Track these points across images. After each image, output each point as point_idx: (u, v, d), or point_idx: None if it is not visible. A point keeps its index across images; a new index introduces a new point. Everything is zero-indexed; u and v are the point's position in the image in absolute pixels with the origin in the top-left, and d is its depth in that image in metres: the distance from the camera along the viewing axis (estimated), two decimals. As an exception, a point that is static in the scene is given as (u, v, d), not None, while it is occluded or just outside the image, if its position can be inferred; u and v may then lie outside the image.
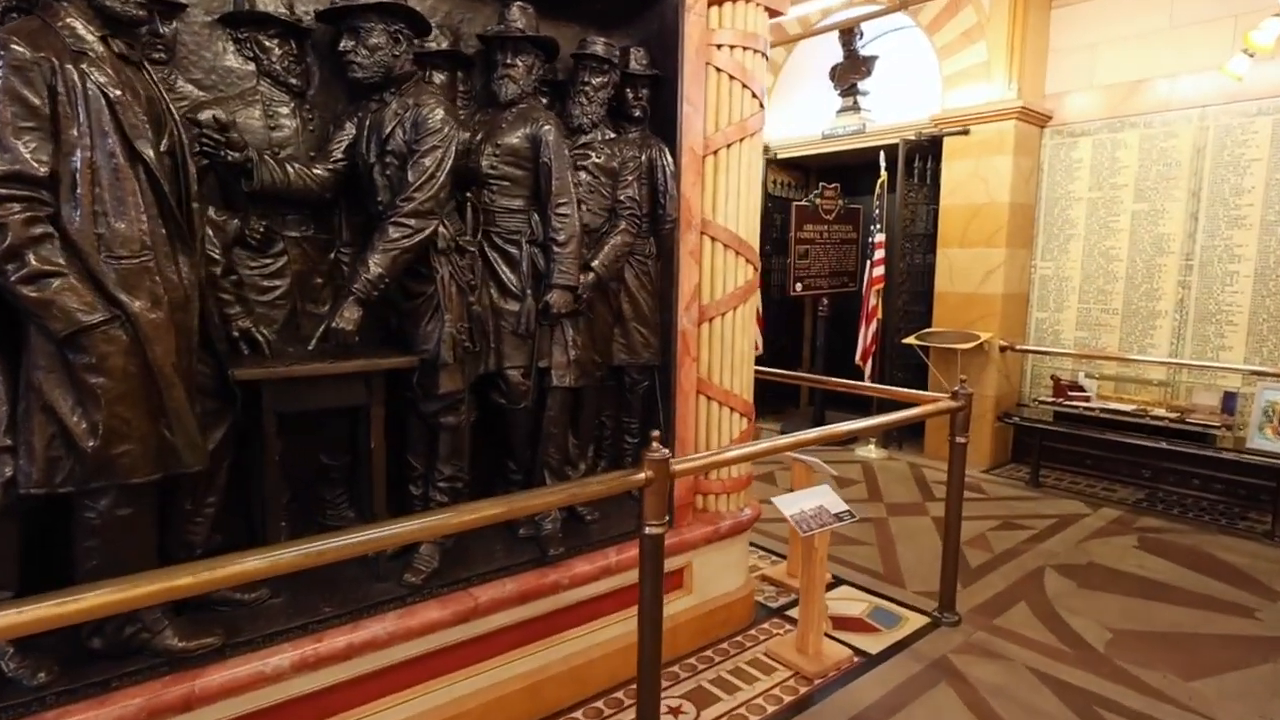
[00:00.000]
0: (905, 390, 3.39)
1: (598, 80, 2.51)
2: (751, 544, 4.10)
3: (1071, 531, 4.31)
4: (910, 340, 5.77)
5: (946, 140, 5.76)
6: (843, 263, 6.69)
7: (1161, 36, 5.00)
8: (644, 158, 2.69)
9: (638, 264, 2.75)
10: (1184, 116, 4.93)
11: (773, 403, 7.42)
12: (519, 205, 2.34)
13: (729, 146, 2.83)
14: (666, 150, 2.70)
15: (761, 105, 2.91)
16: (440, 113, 2.03)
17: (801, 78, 7.13)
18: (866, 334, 5.93)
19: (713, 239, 2.87)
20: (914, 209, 5.99)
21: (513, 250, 2.34)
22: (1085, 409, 4.97)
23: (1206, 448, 4.54)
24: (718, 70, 2.78)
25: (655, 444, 1.95)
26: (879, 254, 5.83)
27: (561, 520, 2.56)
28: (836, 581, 3.64)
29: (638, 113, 2.71)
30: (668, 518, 2.74)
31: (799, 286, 6.32)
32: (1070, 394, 5.11)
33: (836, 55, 6.57)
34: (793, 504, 2.81)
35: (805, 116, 7.06)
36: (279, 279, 2.05)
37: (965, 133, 5.63)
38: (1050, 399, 5.25)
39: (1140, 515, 4.59)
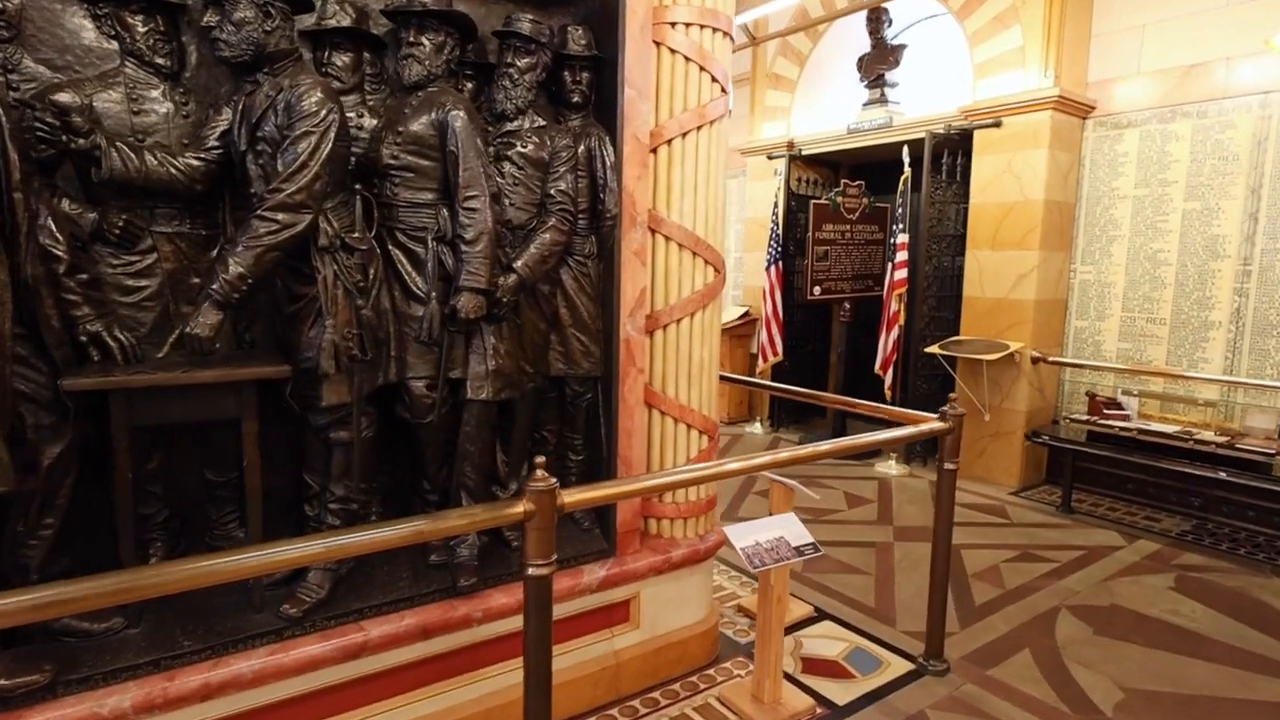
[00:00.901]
0: (891, 408, 3.04)
1: (523, 62, 2.27)
2: (733, 567, 3.81)
3: (1099, 566, 3.85)
4: (933, 349, 5.34)
5: (977, 134, 5.32)
6: (867, 265, 6.29)
7: (1218, 15, 4.47)
8: (582, 148, 2.44)
9: (576, 265, 2.50)
10: (1243, 104, 4.39)
11: (795, 413, 7.07)
12: (427, 199, 2.12)
13: (684, 135, 2.56)
14: (608, 139, 2.44)
15: (724, 90, 2.62)
16: (317, 94, 1.82)
17: (828, 70, 6.75)
18: (887, 341, 5.53)
19: (666, 238, 2.60)
20: (941, 208, 5.55)
21: (418, 249, 2.13)
22: (1122, 429, 4.47)
23: (1263, 478, 4.01)
24: (671, 51, 2.51)
25: (540, 471, 1.70)
26: (901, 256, 5.42)
27: (481, 545, 2.32)
28: (819, 615, 3.31)
29: (577, 98, 2.45)
30: (609, 546, 2.52)
31: (817, 290, 5.95)
32: (1106, 412, 4.62)
33: (864, 45, 6.18)
34: (747, 534, 2.51)
35: (832, 110, 6.68)
36: (147, 278, 1.88)
37: (997, 125, 5.18)
38: (1084, 417, 4.77)
39: (1182, 550, 4.08)
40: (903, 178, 5.42)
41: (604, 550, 2.57)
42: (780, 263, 6.37)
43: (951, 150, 5.52)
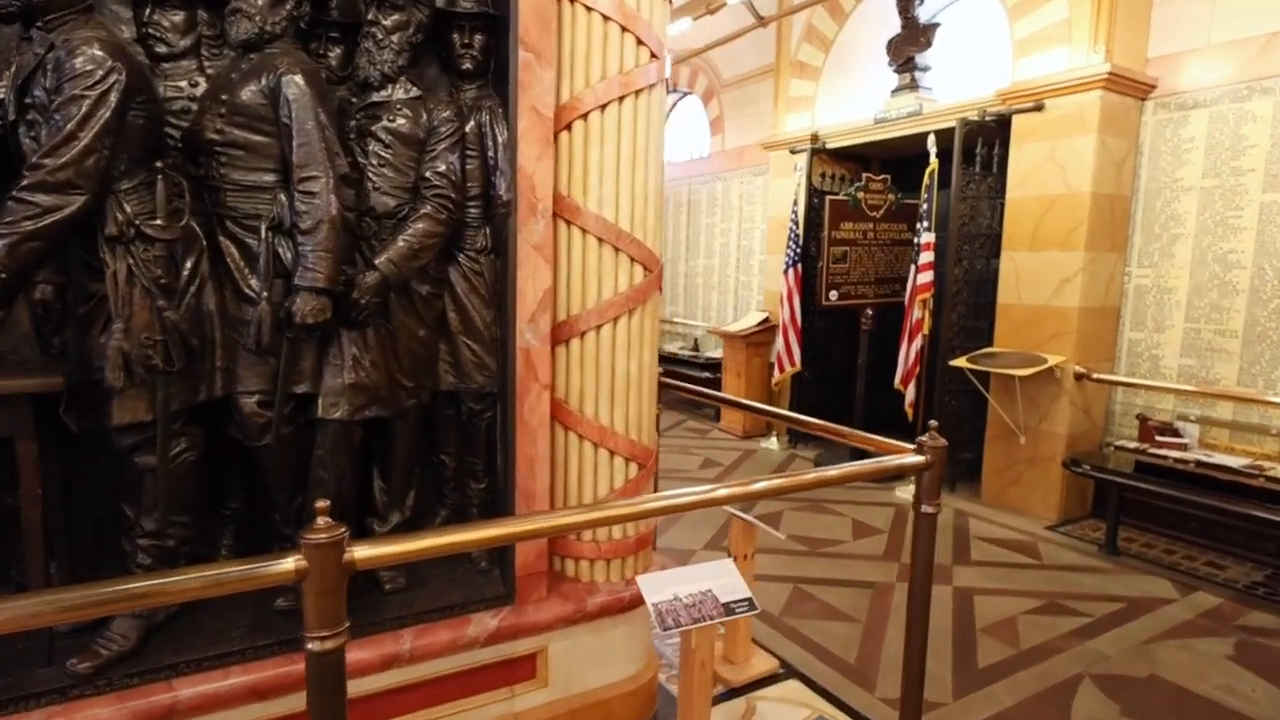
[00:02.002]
0: (865, 435, 2.56)
1: (390, 19, 1.92)
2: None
3: (1141, 624, 3.25)
4: (959, 363, 4.75)
5: (1016, 119, 4.71)
6: (893, 267, 5.73)
7: (1306, -30, 3.78)
8: (473, 122, 2.07)
9: (467, 262, 2.14)
10: (1336, 75, 3.69)
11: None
12: (261, 181, 1.80)
13: (604, 108, 2.16)
14: (503, 113, 2.07)
15: (654, 55, 2.21)
16: (91, 50, 1.51)
17: (855, 55, 6.21)
18: (908, 353, 4.97)
19: (583, 230, 2.20)
20: (974, 203, 4.96)
21: (250, 240, 1.80)
22: (1177, 461, 3.81)
23: (1354, 525, 3.32)
24: (587, 9, 2.12)
25: (322, 517, 1.33)
26: (925, 257, 4.85)
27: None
28: (784, 672, 2.84)
29: (468, 65, 2.09)
30: (506, 592, 2.09)
31: (834, 295, 5.43)
32: (1160, 439, 3.96)
33: (894, 26, 5.63)
34: (664, 586, 2.08)
35: (859, 99, 6.15)
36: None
37: (1038, 109, 4.57)
38: (1132, 444, 4.11)
39: (1249, 607, 3.42)
40: (928, 170, 4.85)
41: (500, 596, 2.19)
42: (800, 265, 5.87)
43: (987, 139, 4.92)
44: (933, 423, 2.25)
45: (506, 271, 2.10)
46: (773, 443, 6.45)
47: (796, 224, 5.91)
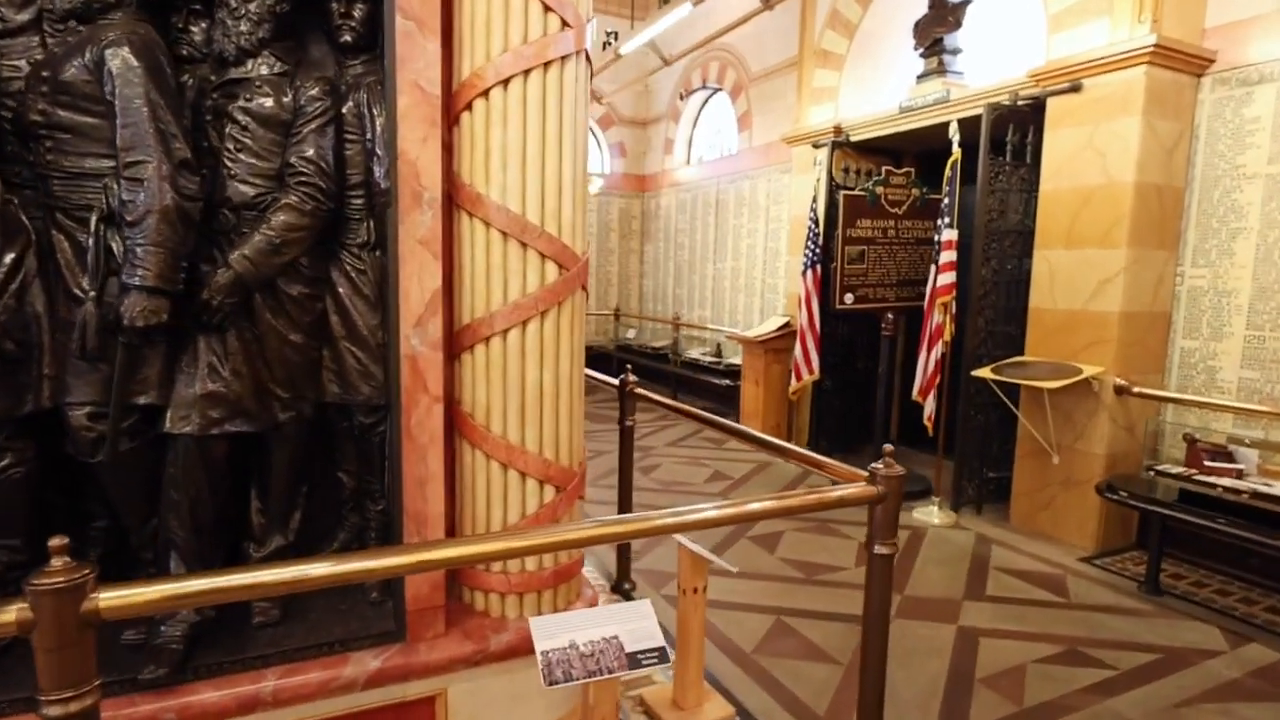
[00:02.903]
0: (818, 458, 2.21)
1: (249, -14, 1.72)
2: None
3: (1176, 681, 2.79)
4: (982, 373, 4.30)
5: (1050, 102, 4.25)
6: (918, 268, 5.29)
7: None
8: (350, 103, 1.85)
9: (350, 259, 1.92)
10: None
11: (841, 438, 6.11)
12: (92, 167, 1.61)
13: (506, 84, 1.91)
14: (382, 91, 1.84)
15: (567, 24, 1.94)
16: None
17: (881, 40, 5.79)
18: (928, 361, 4.54)
19: (485, 223, 1.96)
20: (1003, 197, 4.50)
21: (81, 234, 1.62)
22: (1227, 490, 3.30)
23: None
24: (485, -28, 1.88)
25: (58, 557, 1.12)
26: (946, 256, 4.42)
27: (210, 620, 1.78)
28: (741, 722, 2.52)
29: (348, 37, 1.88)
30: (397, 628, 1.85)
31: (849, 298, 5.04)
32: (1210, 465, 3.45)
33: (921, 7, 5.20)
34: (561, 630, 1.81)
35: (884, 88, 5.73)
36: None
37: (1075, 89, 4.10)
38: (1177, 469, 3.60)
39: (1315, 667, 2.91)
40: (950, 160, 4.42)
41: (389, 633, 1.96)
42: (819, 266, 5.48)
43: (1018, 125, 4.46)
44: (887, 447, 1.90)
45: (387, 270, 1.86)
46: (790, 455, 6.06)
47: (816, 222, 5.52)
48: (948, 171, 4.41)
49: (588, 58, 2.05)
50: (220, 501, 1.80)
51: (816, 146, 6.04)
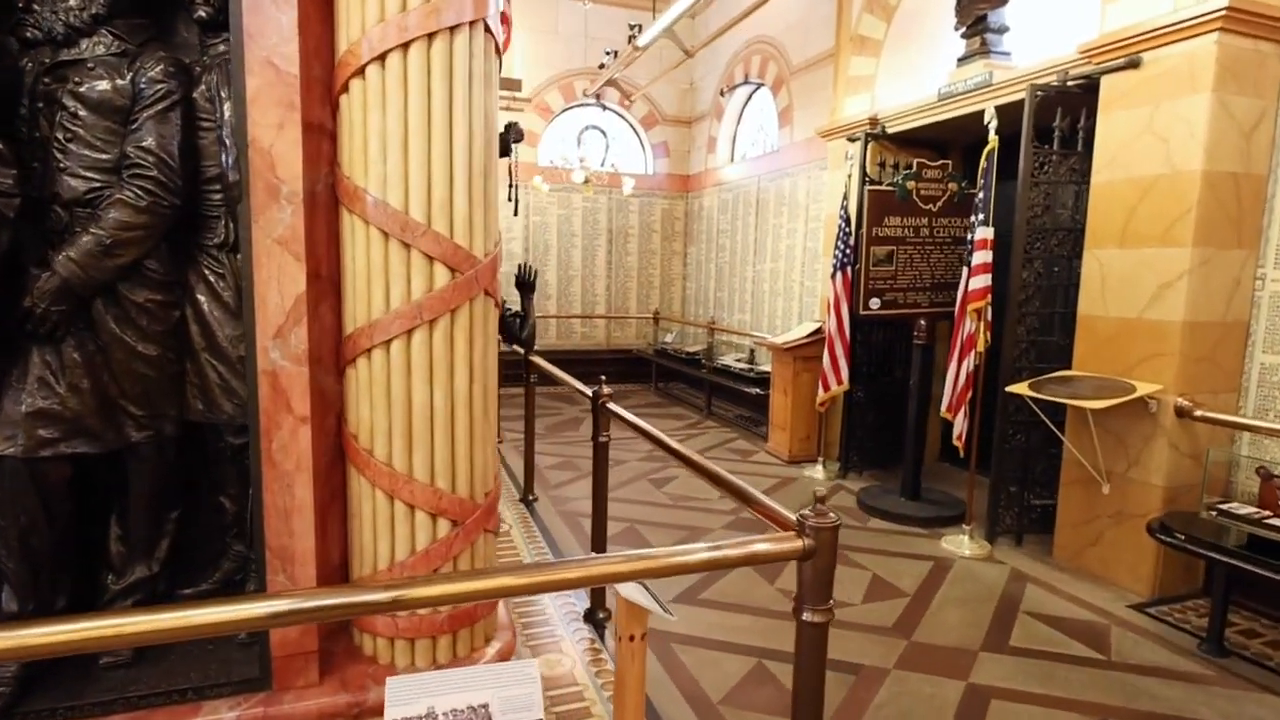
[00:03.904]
0: (753, 495, 1.86)
1: (78, -43, 1.53)
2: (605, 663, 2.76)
3: (1230, 774, 2.30)
4: (1019, 389, 3.81)
5: (1105, 81, 3.73)
6: (954, 270, 4.80)
7: None
8: (203, 85, 1.64)
9: (208, 261, 1.72)
10: None
11: (874, 455, 5.65)
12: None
13: (384, 60, 1.67)
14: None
15: (457, -11, 1.69)
16: None
17: (921, 21, 5.32)
18: (958, 374, 4.07)
19: (365, 221, 1.72)
20: (1049, 190, 3.99)
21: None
22: (1306, 539, 2.74)
23: None
24: (358, -68, 1.64)
25: None
26: (980, 257, 3.95)
27: (33, 666, 1.61)
28: (685, 793, 2.20)
29: (202, 13, 1.68)
30: (262, 674, 1.59)
31: (875, 303, 4.60)
32: (1286, 505, 2.90)
33: (965, -16, 4.72)
34: (418, 694, 1.54)
35: (924, 74, 5.24)
36: None
37: (1133, 65, 3.57)
38: (1247, 510, 3.05)
39: None
40: (986, 150, 3.95)
41: (252, 681, 1.75)
42: (849, 268, 5.06)
43: (1068, 109, 3.94)
44: (818, 490, 1.56)
45: (245, 273, 1.65)
46: (818, 471, 5.64)
47: (847, 220, 5.10)
48: (982, 162, 3.94)
49: (488, 29, 1.79)
50: (60, 529, 1.63)
51: (851, 140, 5.60)
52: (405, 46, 1.68)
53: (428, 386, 1.78)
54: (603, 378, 3.22)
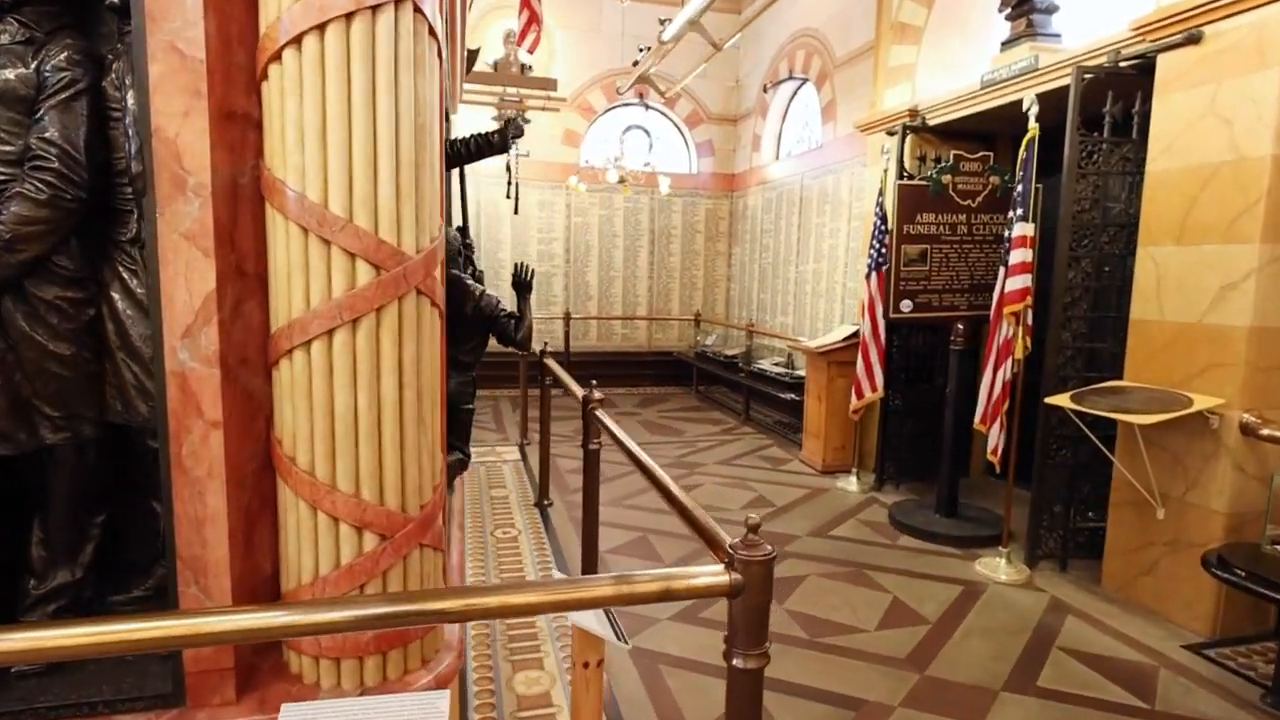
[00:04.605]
0: (696, 513, 1.65)
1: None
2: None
3: None
4: (1059, 401, 3.47)
5: (1161, 60, 3.36)
6: (995, 270, 4.43)
7: None
8: (113, 73, 1.57)
9: (123, 257, 1.65)
10: None
11: (912, 466, 5.32)
12: None
13: (299, 43, 1.57)
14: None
15: (384, -37, 1.57)
16: None
17: (966, 6, 4.97)
18: (993, 383, 3.75)
19: (284, 214, 1.62)
20: (1097, 182, 3.63)
21: None
22: (1388, 582, 2.35)
23: None
24: (274, -98, 1.55)
25: None
26: (1018, 256, 3.62)
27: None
28: (643, 836, 2.02)
29: (115, -3, 1.60)
30: (174, 690, 1.54)
31: (907, 305, 4.31)
32: (1367, 541, 2.50)
33: (1011, -39, 4.38)
34: (314, 728, 1.43)
35: (971, 62, 4.91)
36: None
37: (1194, 40, 3.20)
38: (1318, 543, 2.66)
39: None
40: (1025, 138, 3.62)
41: (165, 696, 1.67)
42: (883, 269, 4.77)
43: (1119, 92, 3.58)
44: (751, 517, 1.36)
45: (151, 269, 1.57)
46: (851, 482, 5.35)
47: (883, 219, 4.81)
48: (1021, 152, 3.61)
49: (418, 9, 1.66)
50: (-25, 533, 1.58)
51: (890, 134, 5.29)
52: (322, 28, 1.57)
53: (351, 391, 1.66)
54: (593, 382, 3.08)
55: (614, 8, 9.22)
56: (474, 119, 8.73)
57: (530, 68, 7.45)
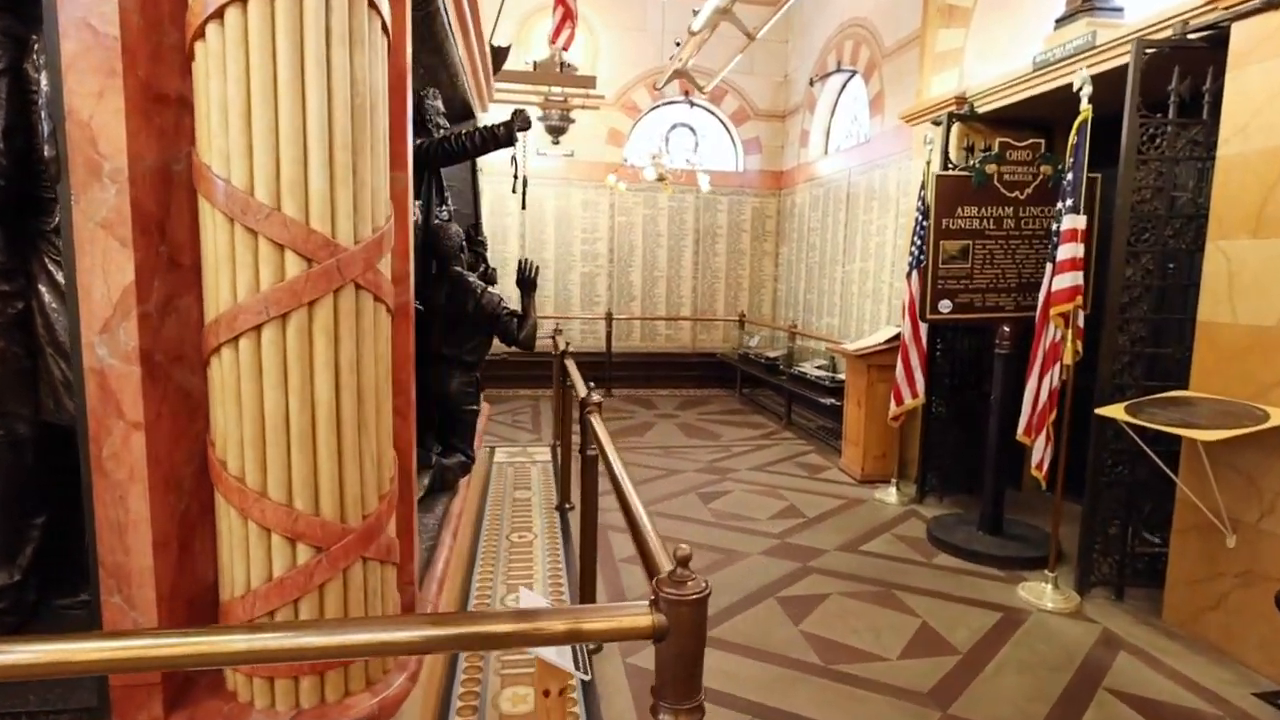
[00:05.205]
0: (635, 517, 1.46)
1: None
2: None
3: None
4: (1112, 412, 3.12)
5: (1236, 30, 3.00)
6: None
7: None
8: (34, 56, 1.50)
9: (49, 248, 1.58)
10: None
11: (958, 478, 4.98)
12: None
13: (220, 17, 1.47)
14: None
15: (311, -73, 1.46)
16: None
17: (1019, -19, 4.61)
18: (1039, 391, 3.42)
19: (211, 203, 1.52)
20: (1161, 169, 3.26)
21: None
22: None
23: None
24: None
25: None
26: (1067, 251, 3.28)
27: None
28: None
29: (36, -24, 1.53)
30: (98, 704, 1.47)
31: (945, 306, 3.99)
32: None
33: (1068, -70, 4.02)
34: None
35: (1024, 44, 4.55)
36: None
37: (1275, 4, 2.83)
38: None
39: None
40: (1077, 121, 3.28)
41: (90, 710, 1.59)
42: (924, 266, 4.45)
43: (1187, 68, 3.21)
44: (681, 549, 1.18)
45: (66, 259, 1.49)
46: (890, 493, 5.03)
47: (925, 214, 4.49)
48: (1072, 137, 3.28)
49: (357, -20, 1.54)
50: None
51: (936, 124, 4.96)
52: (244, 0, 1.47)
53: (281, 392, 1.55)
54: (591, 384, 2.92)
55: (658, 5, 9.07)
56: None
57: (574, 67, 7.36)
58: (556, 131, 7.70)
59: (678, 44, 6.37)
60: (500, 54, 5.23)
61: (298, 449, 1.57)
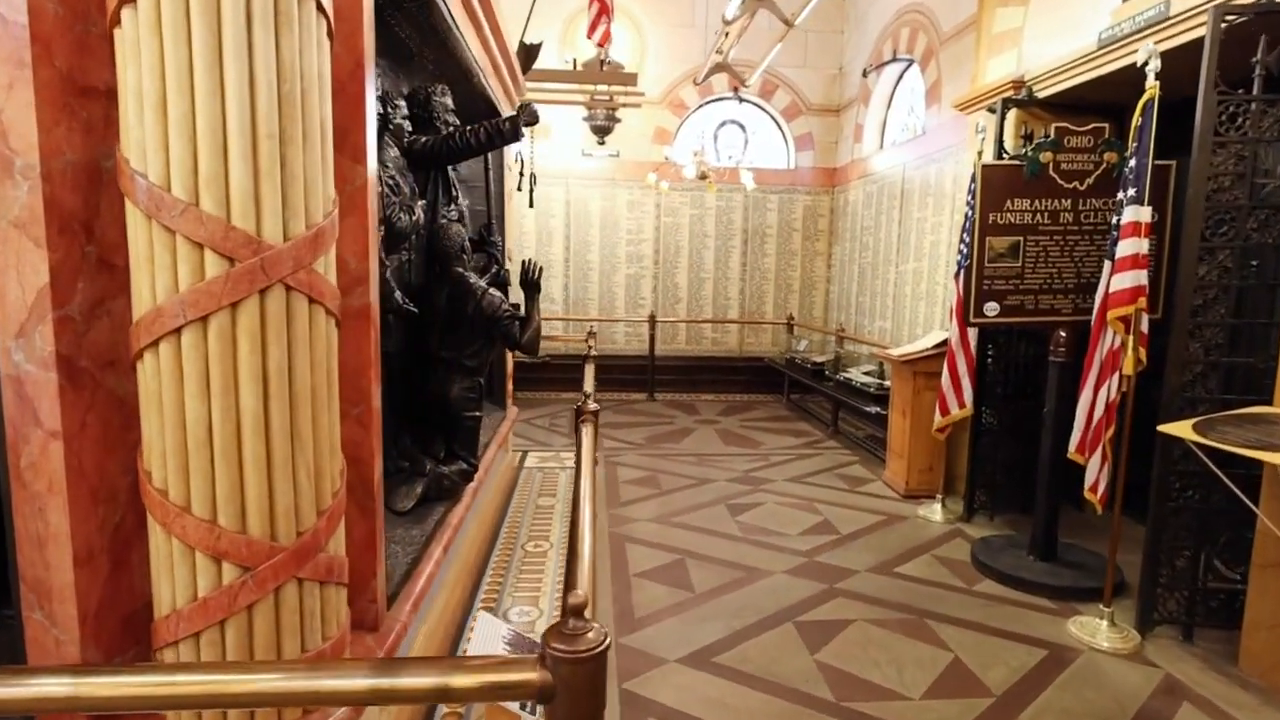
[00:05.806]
0: (575, 544, 1.26)
1: None
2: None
3: None
4: (1175, 430, 2.75)
5: (1333, -9, 2.59)
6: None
7: None
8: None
9: (-25, 248, 1.51)
10: None
11: (1010, 495, 4.61)
12: None
13: (134, 1, 1.37)
14: (-23, 25, 1.40)
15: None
16: None
17: (1084, -47, 4.21)
18: (1094, 403, 3.07)
19: (131, 199, 1.44)
20: (1243, 152, 2.87)
21: None
22: None
23: None
24: None
25: None
26: (1128, 247, 2.93)
27: None
28: None
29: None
30: None
31: (991, 308, 3.65)
32: None
33: (1138, -107, 3.63)
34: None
35: (1089, 19, 4.15)
36: None
37: (1380, -38, 2.43)
38: None
39: None
40: (1142, 100, 2.92)
41: (15, 731, 1.52)
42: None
43: (1276, 39, 2.81)
44: (577, 594, 1.00)
45: (-16, 261, 1.42)
46: (935, 510, 4.69)
47: (974, 207, 4.16)
48: (1136, 119, 2.92)
49: (282, -43, 1.42)
50: None
51: (991, 111, 4.60)
52: (173, -28, 1.37)
53: (203, 400, 1.45)
54: (586, 391, 2.76)
55: (704, 1, 8.86)
56: (564, 118, 8.68)
57: (618, 65, 7.23)
58: (602, 131, 7.59)
59: (719, 34, 6.15)
60: (531, 52, 5.13)
61: (221, 461, 1.47)
